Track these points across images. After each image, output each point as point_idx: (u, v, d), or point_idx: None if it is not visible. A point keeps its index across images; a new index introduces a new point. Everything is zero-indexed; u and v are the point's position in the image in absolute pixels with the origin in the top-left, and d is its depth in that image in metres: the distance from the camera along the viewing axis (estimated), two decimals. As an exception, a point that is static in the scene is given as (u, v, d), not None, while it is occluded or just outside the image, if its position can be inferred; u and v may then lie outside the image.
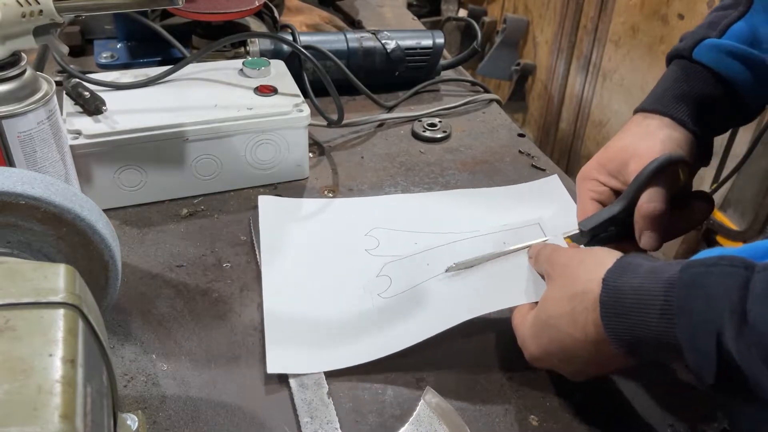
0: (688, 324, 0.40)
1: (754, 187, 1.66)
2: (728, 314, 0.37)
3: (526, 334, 0.53)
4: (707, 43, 0.60)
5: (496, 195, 0.78)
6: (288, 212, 0.73)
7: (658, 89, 0.63)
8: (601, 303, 0.46)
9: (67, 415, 0.30)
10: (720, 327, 0.38)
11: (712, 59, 0.60)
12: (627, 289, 0.45)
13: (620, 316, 0.45)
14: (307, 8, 1.18)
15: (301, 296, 0.63)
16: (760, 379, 0.37)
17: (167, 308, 0.61)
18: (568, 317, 0.49)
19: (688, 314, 0.40)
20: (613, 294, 0.45)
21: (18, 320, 0.33)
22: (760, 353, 0.36)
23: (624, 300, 0.44)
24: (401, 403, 0.54)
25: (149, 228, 0.71)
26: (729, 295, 0.38)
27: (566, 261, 0.53)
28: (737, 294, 0.37)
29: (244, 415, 0.52)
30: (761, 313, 0.36)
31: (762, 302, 0.36)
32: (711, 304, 0.38)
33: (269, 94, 0.77)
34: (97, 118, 0.70)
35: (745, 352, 0.37)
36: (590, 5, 2.09)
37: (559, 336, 0.50)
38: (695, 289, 0.40)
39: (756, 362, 0.37)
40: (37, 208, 0.45)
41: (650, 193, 0.56)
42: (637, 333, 0.44)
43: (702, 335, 0.39)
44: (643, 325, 0.43)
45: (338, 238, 0.70)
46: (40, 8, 0.53)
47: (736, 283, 0.38)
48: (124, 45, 1.01)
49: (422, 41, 0.99)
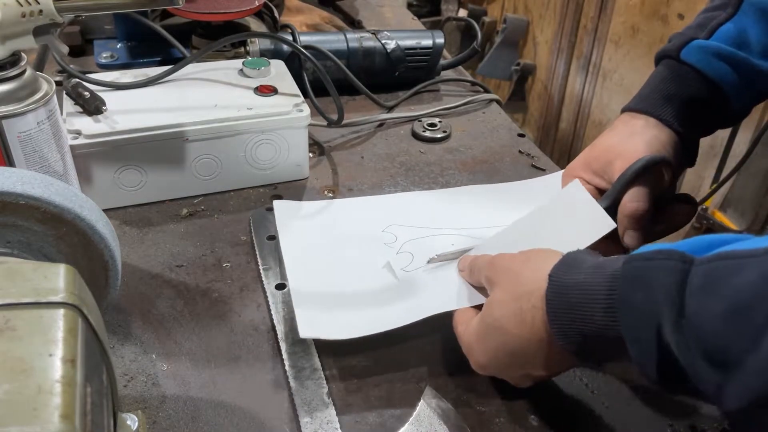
0: (629, 317, 0.40)
1: (754, 187, 1.66)
2: (667, 307, 0.38)
3: (471, 340, 0.52)
4: (695, 44, 0.60)
5: (511, 190, 0.79)
6: (303, 214, 0.73)
7: (645, 89, 0.64)
8: (547, 299, 0.46)
9: (67, 415, 0.30)
10: (659, 319, 0.38)
11: (700, 60, 0.60)
12: (572, 285, 0.44)
13: (566, 311, 0.44)
14: (307, 8, 1.18)
15: (324, 274, 0.64)
16: (699, 373, 0.37)
17: (167, 308, 0.61)
18: (516, 317, 0.48)
19: (630, 307, 0.40)
20: (559, 290, 0.45)
21: (18, 320, 0.33)
22: (697, 346, 0.36)
23: (569, 295, 0.44)
24: (401, 403, 0.54)
25: (149, 228, 0.71)
26: (667, 288, 0.38)
27: (509, 263, 0.52)
28: (675, 287, 0.38)
29: (244, 415, 0.52)
30: (697, 306, 0.36)
31: (698, 295, 0.37)
32: (650, 296, 0.39)
33: (269, 94, 0.77)
34: (97, 118, 0.70)
35: (683, 345, 0.37)
36: (590, 5, 2.09)
37: (506, 338, 0.49)
38: (636, 282, 0.40)
39: (694, 356, 0.37)
40: (37, 208, 0.45)
41: (634, 193, 0.57)
42: (583, 329, 0.43)
43: (643, 328, 0.39)
44: (589, 320, 0.43)
45: (356, 234, 0.70)
46: (40, 8, 0.53)
47: (674, 275, 0.38)
48: (124, 45, 1.01)
49: (422, 41, 0.99)
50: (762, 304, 0.34)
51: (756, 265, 0.35)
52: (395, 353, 0.58)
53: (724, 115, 0.63)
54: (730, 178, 1.22)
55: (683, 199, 0.62)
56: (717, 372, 0.36)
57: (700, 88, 0.61)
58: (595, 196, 0.62)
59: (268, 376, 0.55)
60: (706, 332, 0.36)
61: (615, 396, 0.55)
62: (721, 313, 0.35)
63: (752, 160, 1.53)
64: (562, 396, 0.55)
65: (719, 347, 0.36)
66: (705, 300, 0.36)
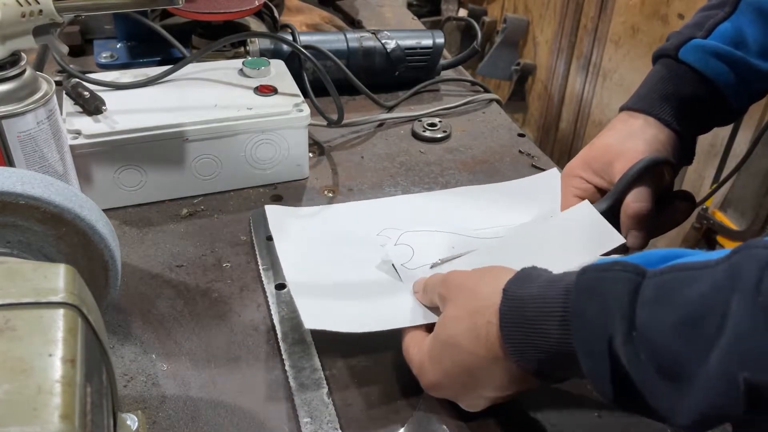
0: (582, 330, 0.39)
1: (755, 187, 1.66)
2: (618, 319, 0.37)
3: (423, 359, 0.50)
4: (693, 43, 0.61)
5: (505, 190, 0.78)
6: (296, 219, 0.72)
7: (643, 88, 0.64)
8: (501, 314, 0.44)
9: (66, 415, 0.30)
10: (611, 331, 0.37)
11: (698, 60, 0.60)
12: (527, 298, 0.43)
13: (521, 326, 0.43)
14: (307, 8, 1.18)
15: (323, 271, 0.63)
16: (652, 389, 0.36)
17: (167, 308, 0.61)
18: (470, 333, 0.46)
19: (582, 319, 0.39)
20: (513, 303, 0.44)
21: (18, 320, 0.33)
22: (650, 359, 0.36)
23: (524, 309, 0.43)
24: (401, 403, 0.54)
25: (149, 228, 0.71)
26: (620, 300, 0.37)
27: (463, 280, 0.51)
28: (627, 298, 0.37)
29: (244, 415, 0.52)
30: (648, 317, 0.36)
31: (650, 307, 0.36)
32: (603, 308, 0.38)
33: (269, 93, 0.77)
34: (97, 118, 0.70)
35: (634, 359, 0.36)
36: (590, 5, 2.09)
37: (460, 356, 0.47)
38: (589, 294, 0.39)
39: (646, 370, 0.36)
40: (36, 208, 0.45)
41: (636, 193, 0.57)
42: (538, 343, 0.42)
43: (595, 341, 0.38)
44: (544, 334, 0.42)
45: (351, 237, 0.70)
46: (39, 8, 0.53)
47: (627, 287, 0.37)
48: (123, 45, 1.01)
49: (422, 41, 0.99)
50: (712, 315, 0.33)
51: (708, 276, 0.34)
52: (395, 353, 0.57)
53: (721, 114, 0.63)
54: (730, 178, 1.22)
55: (682, 197, 0.63)
56: (669, 387, 0.35)
57: (698, 87, 0.61)
58: (594, 196, 0.62)
59: (268, 376, 0.55)
60: (658, 345, 0.35)
61: (615, 396, 0.55)
62: (672, 325, 0.35)
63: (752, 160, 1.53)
64: (562, 396, 0.55)
65: (670, 360, 0.35)
66: (656, 311, 0.36)
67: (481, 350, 0.46)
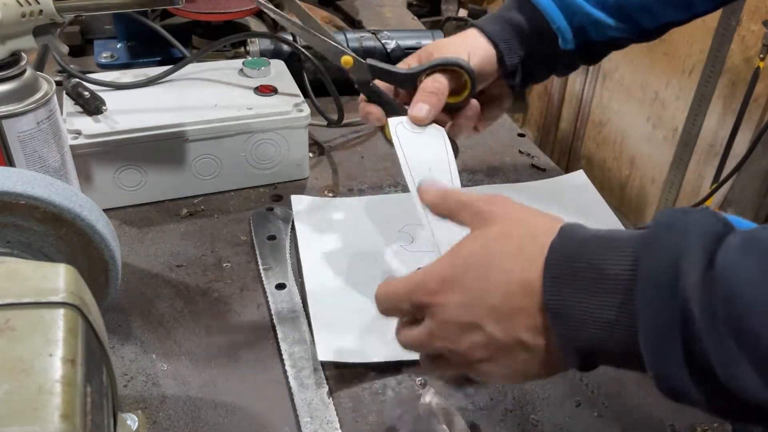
0: (650, 257, 0.35)
1: (755, 187, 1.66)
2: (699, 251, 0.33)
3: (433, 266, 0.43)
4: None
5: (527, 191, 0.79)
6: (320, 210, 0.74)
7: (493, 13, 0.69)
8: (551, 247, 0.39)
9: (67, 415, 0.30)
10: (686, 266, 0.33)
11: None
12: (588, 236, 0.38)
13: (572, 260, 0.38)
14: (307, 8, 1.18)
15: (342, 289, 0.64)
16: (724, 351, 0.31)
17: (167, 308, 0.61)
18: (512, 252, 0.40)
19: (654, 248, 0.35)
20: (567, 241, 0.39)
21: (18, 320, 0.33)
22: (726, 313, 0.31)
23: (582, 246, 0.38)
24: (401, 403, 0.54)
25: (149, 228, 0.71)
26: (703, 237, 0.34)
27: (511, 205, 0.45)
28: (711, 239, 0.33)
29: (244, 415, 0.52)
30: (732, 262, 0.32)
31: (736, 253, 0.32)
32: (681, 240, 0.34)
33: (269, 93, 0.77)
34: (97, 118, 0.70)
35: (708, 307, 0.32)
36: (590, 5, 2.09)
37: (487, 272, 0.40)
38: (668, 228, 0.35)
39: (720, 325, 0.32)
40: (37, 207, 0.45)
41: (435, 76, 0.61)
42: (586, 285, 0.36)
43: (664, 272, 0.34)
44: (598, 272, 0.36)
45: (373, 235, 0.71)
46: (40, 8, 0.53)
47: (713, 228, 0.34)
48: (124, 45, 1.01)
49: (422, 41, 0.99)
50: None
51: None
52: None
53: (549, 54, 0.66)
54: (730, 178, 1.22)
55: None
56: (748, 353, 0.31)
57: (532, 18, 0.64)
58: None
59: (268, 376, 0.55)
60: (740, 295, 0.31)
61: (615, 396, 0.55)
62: (762, 276, 0.31)
63: (752, 160, 1.53)
64: (562, 396, 0.55)
65: (754, 319, 0.31)
66: (743, 259, 0.32)
67: (516, 265, 0.40)
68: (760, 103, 1.63)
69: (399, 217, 0.74)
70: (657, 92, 1.92)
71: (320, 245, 0.69)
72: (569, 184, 0.81)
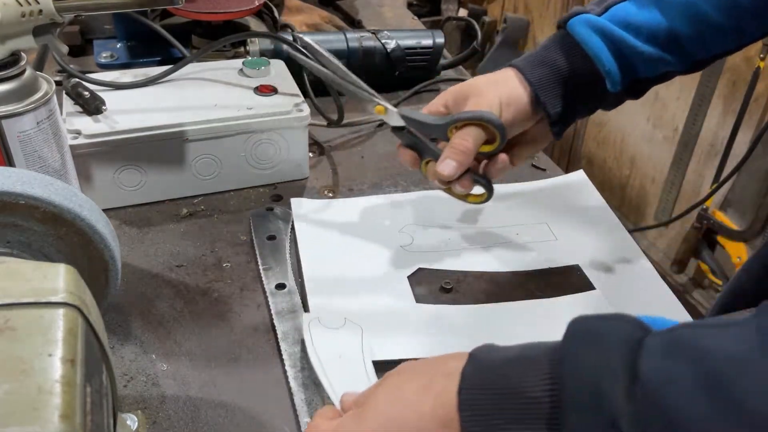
0: (573, 375, 0.33)
1: (755, 187, 1.66)
2: (621, 367, 0.31)
3: (344, 421, 0.43)
4: (584, 17, 0.61)
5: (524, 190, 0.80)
6: (320, 211, 0.74)
7: (532, 52, 0.65)
8: (463, 375, 0.37)
9: (67, 415, 0.30)
10: (607, 386, 0.31)
11: (582, 34, 0.60)
12: (499, 361, 0.37)
13: (488, 387, 0.36)
14: (307, 8, 1.18)
15: (342, 289, 0.64)
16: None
17: (167, 308, 0.61)
18: (421, 386, 0.39)
19: (574, 363, 0.33)
20: (480, 365, 0.38)
21: (18, 320, 0.33)
22: (659, 427, 0.30)
23: (496, 369, 0.37)
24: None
25: (149, 228, 0.71)
26: (621, 347, 0.32)
27: (408, 366, 0.43)
28: (630, 348, 0.32)
29: (244, 415, 0.52)
30: (656, 371, 0.30)
31: (657, 360, 0.31)
32: (599, 354, 0.33)
33: (269, 93, 0.77)
34: (97, 118, 0.70)
35: (639, 425, 0.30)
36: (590, 5, 2.09)
37: (401, 411, 0.39)
38: (584, 338, 0.34)
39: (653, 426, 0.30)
40: (36, 207, 0.45)
41: (465, 132, 0.60)
42: (509, 406, 0.35)
43: (587, 396, 0.32)
44: (517, 393, 0.35)
45: (373, 236, 0.71)
46: (39, 8, 0.53)
47: (631, 334, 0.33)
48: (123, 45, 1.01)
49: (422, 41, 0.99)
50: (741, 377, 0.28)
51: (730, 335, 0.30)
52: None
53: (595, 96, 0.63)
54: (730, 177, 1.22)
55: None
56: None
57: (576, 59, 0.61)
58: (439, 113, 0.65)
59: (268, 376, 0.55)
60: (671, 406, 0.29)
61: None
62: (689, 380, 0.29)
63: (752, 160, 1.53)
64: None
65: (681, 422, 0.29)
66: (665, 364, 0.30)
67: (427, 406, 0.38)
68: (761, 102, 1.63)
69: (399, 217, 0.74)
70: (657, 92, 1.92)
71: (320, 245, 0.69)
72: (569, 184, 0.81)
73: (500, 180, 0.82)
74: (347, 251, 0.69)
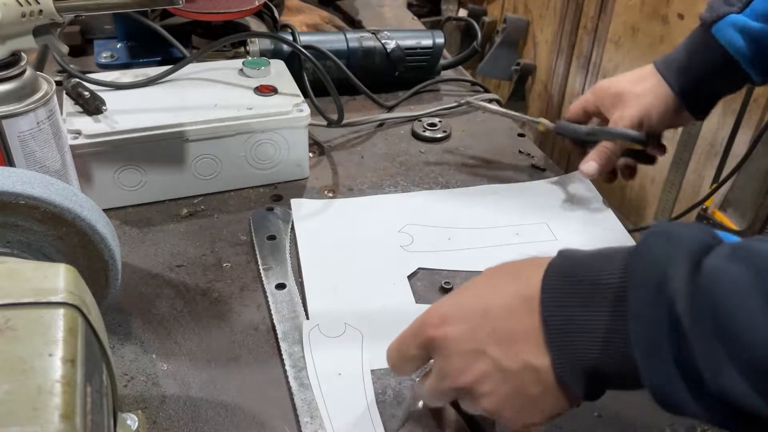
0: (639, 262, 0.36)
1: (754, 187, 1.66)
2: (687, 258, 0.34)
3: (440, 302, 0.45)
4: (728, 19, 0.65)
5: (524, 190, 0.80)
6: (320, 211, 0.74)
7: (674, 53, 0.72)
8: (549, 265, 0.40)
9: (67, 415, 0.30)
10: (671, 270, 0.34)
11: (726, 36, 0.66)
12: (582, 255, 0.40)
13: (568, 275, 0.39)
14: (307, 8, 1.18)
15: (342, 289, 0.64)
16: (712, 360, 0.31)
17: (167, 308, 0.61)
18: (511, 273, 0.43)
19: (643, 255, 0.36)
20: (565, 258, 0.40)
21: (18, 320, 0.33)
22: (712, 318, 0.31)
23: (577, 261, 0.39)
24: (401, 403, 0.53)
25: (149, 228, 0.71)
26: (692, 245, 0.34)
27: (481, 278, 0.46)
28: (700, 247, 0.34)
29: (244, 415, 0.52)
30: (717, 268, 0.33)
31: (723, 260, 0.33)
32: (670, 245, 0.35)
33: (269, 93, 0.77)
34: (97, 118, 0.70)
35: (694, 312, 0.32)
36: (590, 5, 2.09)
37: (490, 291, 0.42)
38: (657, 235, 0.36)
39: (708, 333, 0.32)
40: (36, 207, 0.45)
41: (613, 145, 0.72)
42: (581, 290, 0.38)
43: (652, 278, 0.34)
44: (593, 281, 0.38)
45: (373, 235, 0.71)
46: (40, 8, 0.53)
47: (703, 238, 0.35)
48: (124, 45, 1.01)
49: (422, 41, 0.99)
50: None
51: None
52: (395, 353, 0.58)
53: (737, 84, 0.71)
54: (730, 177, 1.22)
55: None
56: (735, 358, 0.31)
57: (718, 59, 0.67)
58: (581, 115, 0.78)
59: (268, 376, 0.55)
60: (726, 301, 0.31)
61: (615, 396, 0.55)
62: (747, 284, 0.31)
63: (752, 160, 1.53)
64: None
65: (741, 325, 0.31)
66: (729, 266, 0.32)
67: (513, 286, 0.41)
68: (760, 103, 1.63)
69: (399, 217, 0.74)
70: (657, 92, 1.91)
71: (320, 245, 0.69)
72: (569, 183, 0.81)
73: (500, 180, 0.82)
74: (347, 252, 0.69)
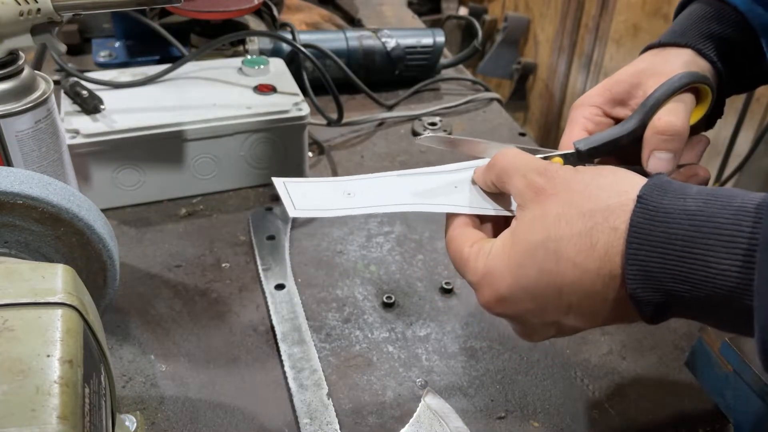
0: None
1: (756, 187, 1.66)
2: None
3: (493, 265, 0.39)
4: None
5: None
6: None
7: (676, 27, 0.52)
8: (633, 225, 0.34)
9: (65, 416, 0.29)
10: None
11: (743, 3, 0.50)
12: (677, 212, 0.33)
13: (660, 246, 0.33)
14: (307, 6, 1.18)
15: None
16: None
17: (166, 308, 0.61)
18: (580, 239, 0.36)
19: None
20: (653, 215, 0.33)
21: (16, 320, 0.32)
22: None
23: (671, 225, 0.33)
24: (401, 404, 0.53)
25: (148, 228, 0.71)
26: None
27: (571, 174, 0.39)
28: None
29: (243, 416, 0.52)
30: None
31: None
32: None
33: (268, 92, 0.77)
34: (95, 117, 0.70)
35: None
36: (591, 3, 2.09)
37: (557, 266, 0.36)
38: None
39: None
40: (34, 207, 0.45)
41: (670, 108, 0.46)
42: (687, 275, 0.32)
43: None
44: (701, 264, 0.31)
45: None
46: (38, 7, 0.53)
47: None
48: (122, 44, 1.01)
49: (422, 40, 0.99)
50: None
51: None
52: (395, 353, 0.57)
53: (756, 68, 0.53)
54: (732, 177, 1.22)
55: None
56: None
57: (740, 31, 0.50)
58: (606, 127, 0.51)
59: (267, 377, 0.55)
60: None
61: (616, 397, 0.55)
62: None
63: (754, 160, 1.53)
64: (562, 397, 0.55)
65: None
66: None
67: (591, 263, 0.35)
68: (762, 102, 1.63)
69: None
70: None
71: None
72: None
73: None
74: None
